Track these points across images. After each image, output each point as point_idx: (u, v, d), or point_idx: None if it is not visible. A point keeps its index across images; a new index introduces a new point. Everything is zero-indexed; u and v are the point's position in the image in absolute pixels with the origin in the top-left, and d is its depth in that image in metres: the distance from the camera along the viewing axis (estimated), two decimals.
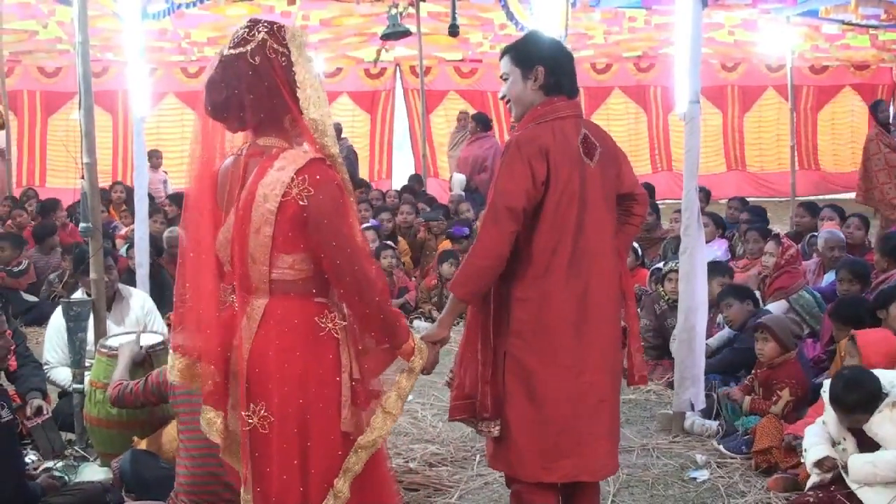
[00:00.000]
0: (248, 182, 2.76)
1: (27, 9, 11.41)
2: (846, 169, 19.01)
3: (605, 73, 17.98)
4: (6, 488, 3.79)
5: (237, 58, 2.75)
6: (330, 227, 2.71)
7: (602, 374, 3.34)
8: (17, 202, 11.54)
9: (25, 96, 16.10)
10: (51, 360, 5.52)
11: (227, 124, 2.84)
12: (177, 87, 16.66)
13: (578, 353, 3.29)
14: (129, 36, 6.95)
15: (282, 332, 2.78)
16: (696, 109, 5.29)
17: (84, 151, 5.33)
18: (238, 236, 2.77)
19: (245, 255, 2.78)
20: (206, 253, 2.83)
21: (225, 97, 2.76)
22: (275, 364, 2.77)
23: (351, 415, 2.81)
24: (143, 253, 7.03)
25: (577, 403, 3.28)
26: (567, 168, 3.24)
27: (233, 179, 2.82)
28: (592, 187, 3.30)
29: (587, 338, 3.30)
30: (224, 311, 2.86)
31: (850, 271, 6.22)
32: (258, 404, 2.78)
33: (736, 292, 6.15)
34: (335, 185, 2.74)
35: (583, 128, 3.36)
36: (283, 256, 2.76)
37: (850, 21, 12.12)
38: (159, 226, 9.41)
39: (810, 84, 18.61)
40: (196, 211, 2.88)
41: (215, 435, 2.87)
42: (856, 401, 4.10)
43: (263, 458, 2.80)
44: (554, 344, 3.28)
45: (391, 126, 17.68)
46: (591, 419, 3.31)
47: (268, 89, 2.74)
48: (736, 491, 4.53)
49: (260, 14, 11.79)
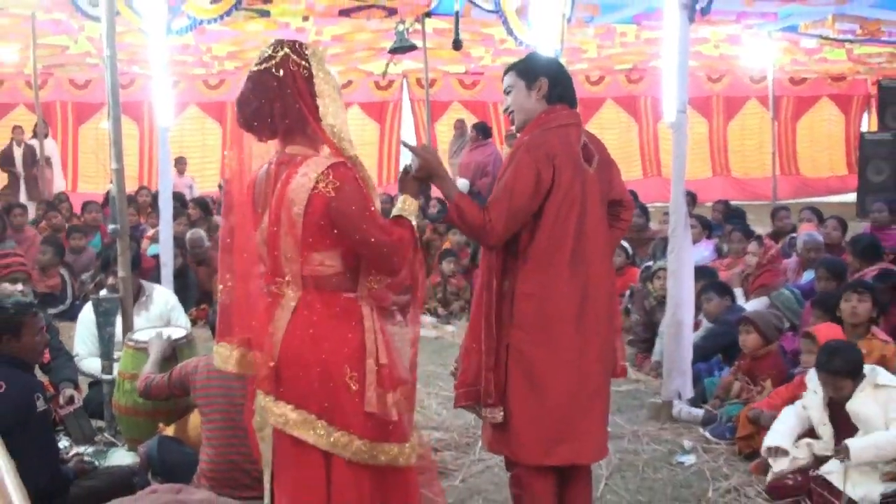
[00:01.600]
0: (278, 188, 2.86)
1: (59, 25, 11.44)
2: (824, 174, 19.02)
3: (598, 85, 17.98)
4: (42, 471, 3.80)
5: (263, 72, 2.87)
6: (357, 214, 2.80)
7: (598, 366, 3.36)
8: (52, 205, 11.55)
9: (58, 107, 16.14)
10: (81, 351, 5.54)
11: (257, 134, 2.93)
12: (198, 97, 16.70)
13: (577, 345, 3.30)
14: (154, 50, 6.97)
15: (311, 321, 2.85)
16: (684, 118, 5.29)
17: (112, 158, 5.35)
18: (271, 237, 2.88)
19: (279, 254, 2.87)
20: (250, 252, 2.91)
21: (254, 108, 2.87)
22: (303, 350, 2.83)
23: (376, 397, 2.84)
24: (167, 252, 7.05)
25: (575, 393, 3.30)
26: (570, 173, 3.27)
27: (266, 185, 2.92)
28: (591, 192, 3.34)
29: (586, 332, 3.32)
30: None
31: (828, 269, 6.23)
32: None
33: (717, 288, 6.19)
34: (356, 180, 2.83)
35: (583, 136, 3.40)
36: (314, 254, 2.84)
37: (828, 36, 12.13)
38: (183, 227, 9.43)
39: (790, 94, 18.60)
40: (240, 215, 2.95)
41: (271, 418, 2.89)
42: (840, 365, 4.16)
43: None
44: (555, 337, 3.29)
45: (399, 134, 17.70)
46: (588, 407, 3.33)
47: (291, 98, 2.84)
48: (720, 474, 4.54)
49: (275, 30, 11.82)
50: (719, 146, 18.55)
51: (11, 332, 3.98)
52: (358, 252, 2.87)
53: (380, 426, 2.86)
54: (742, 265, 7.44)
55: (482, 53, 14.71)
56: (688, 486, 4.42)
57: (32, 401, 3.82)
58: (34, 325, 4.07)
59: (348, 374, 2.83)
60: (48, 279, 8.40)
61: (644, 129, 18.13)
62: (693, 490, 4.36)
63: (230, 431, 4.00)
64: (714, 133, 18.55)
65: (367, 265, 2.91)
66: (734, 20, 11.49)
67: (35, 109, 12.91)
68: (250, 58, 14.40)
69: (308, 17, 11.25)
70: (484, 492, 4.39)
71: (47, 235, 9.56)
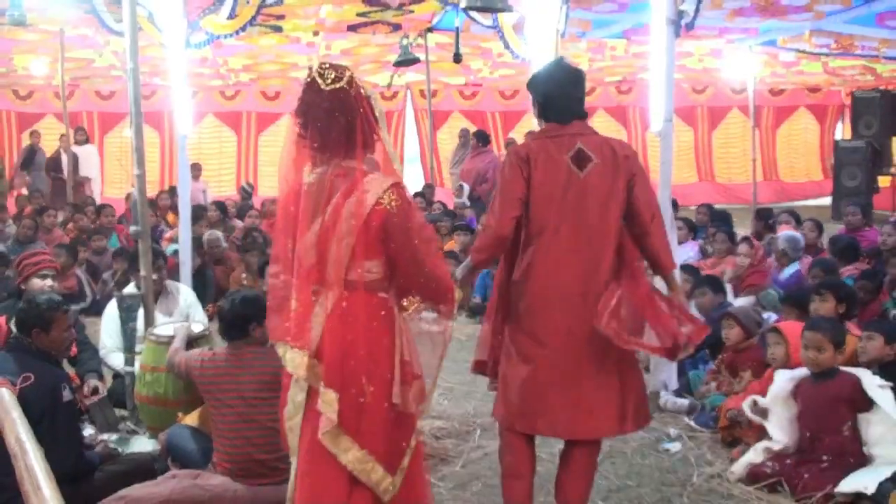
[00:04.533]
0: (335, 198, 2.87)
1: (86, 40, 11.45)
2: (801, 179, 19.02)
3: (589, 96, 17.78)
4: (69, 457, 3.81)
5: (339, 91, 2.89)
6: (415, 232, 2.89)
7: (569, 352, 3.38)
8: (78, 208, 11.56)
9: (84, 116, 16.15)
10: (107, 344, 5.54)
11: (325, 145, 2.93)
12: (215, 108, 16.72)
13: (547, 332, 3.39)
14: (173, 63, 6.97)
15: (347, 320, 2.88)
16: (670, 127, 5.29)
17: (135, 164, 5.36)
18: (322, 241, 2.89)
19: (326, 258, 2.89)
20: (298, 254, 2.94)
21: (333, 121, 2.89)
22: (340, 346, 2.87)
23: (400, 391, 2.89)
24: (186, 253, 7.04)
25: (546, 373, 3.39)
26: (543, 173, 3.37)
27: (318, 193, 2.91)
28: (576, 194, 3.37)
29: (553, 323, 3.39)
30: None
31: (822, 269, 6.29)
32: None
33: (711, 283, 6.15)
34: (411, 202, 2.95)
35: (578, 144, 3.42)
36: (364, 262, 2.88)
37: (805, 49, 12.13)
38: (202, 229, 9.44)
39: (770, 105, 18.62)
40: (291, 219, 2.97)
41: (334, 413, 2.85)
42: (828, 327, 4.26)
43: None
44: (530, 322, 3.43)
45: (402, 142, 17.70)
46: (564, 386, 3.39)
47: (363, 116, 2.91)
48: (704, 461, 4.54)
49: (288, 44, 11.84)
50: (704, 153, 18.56)
51: (41, 326, 3.99)
52: (404, 271, 2.91)
53: (390, 442, 2.91)
54: (728, 264, 7.44)
55: (481, 66, 14.72)
56: (673, 471, 4.42)
57: (59, 391, 3.83)
58: (63, 322, 4.08)
59: (377, 369, 2.88)
60: (65, 280, 8.39)
61: (633, 137, 18.12)
62: (678, 475, 4.36)
63: (243, 425, 3.97)
64: (699, 141, 18.56)
65: (406, 286, 2.96)
66: (717, 35, 11.49)
67: (63, 119, 12.92)
68: (264, 70, 14.44)
69: (318, 32, 11.27)
70: (483, 476, 4.39)
71: (67, 239, 9.57)
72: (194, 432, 4.33)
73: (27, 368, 3.77)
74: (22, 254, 6.11)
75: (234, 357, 4.07)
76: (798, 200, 17.30)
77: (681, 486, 4.22)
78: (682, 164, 17.68)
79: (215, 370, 4.05)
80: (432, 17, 10.68)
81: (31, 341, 3.98)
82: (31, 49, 12.21)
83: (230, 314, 4.10)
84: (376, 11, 10.05)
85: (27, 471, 2.03)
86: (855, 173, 14.87)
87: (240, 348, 4.08)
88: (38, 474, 1.98)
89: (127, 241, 9.45)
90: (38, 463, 2.04)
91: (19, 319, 4.04)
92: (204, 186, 14.14)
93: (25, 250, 7.19)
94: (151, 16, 7.38)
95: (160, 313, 5.52)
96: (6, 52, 12.47)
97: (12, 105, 16.05)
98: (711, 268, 7.59)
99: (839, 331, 4.30)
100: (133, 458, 4.32)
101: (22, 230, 9.26)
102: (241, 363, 4.03)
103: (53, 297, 4.22)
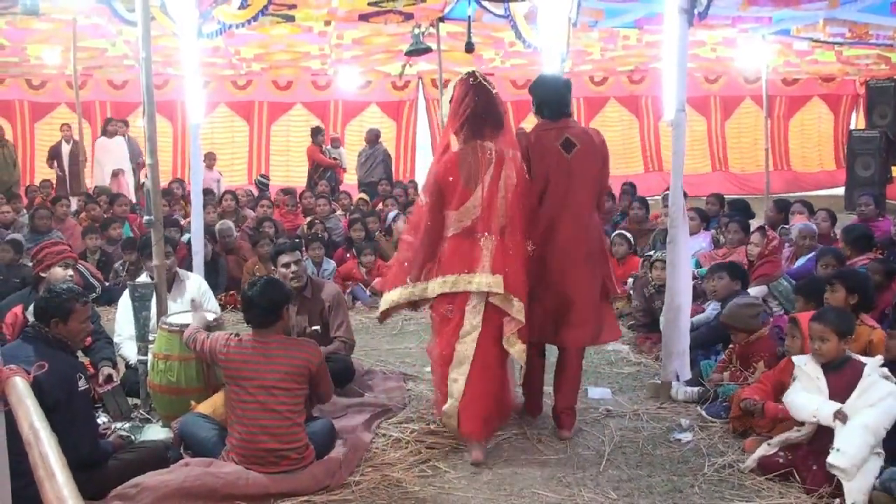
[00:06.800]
0: (492, 168, 4.32)
1: (98, 29, 11.48)
2: (814, 169, 18.92)
3: (601, 85, 17.92)
4: (83, 445, 3.82)
5: (489, 86, 4.48)
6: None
7: (573, 290, 4.55)
8: (91, 198, 11.60)
9: (97, 106, 16.21)
10: (122, 332, 5.56)
11: (483, 129, 4.39)
12: (227, 97, 16.73)
13: (549, 278, 4.54)
14: (186, 53, 6.98)
15: (506, 254, 4.30)
16: (683, 117, 5.26)
17: (147, 153, 5.37)
18: (489, 199, 4.30)
19: (494, 212, 4.30)
20: (462, 213, 4.37)
21: (492, 110, 4.44)
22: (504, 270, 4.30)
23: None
24: (198, 241, 7.06)
25: (555, 303, 4.56)
26: (538, 156, 4.54)
27: (474, 164, 4.33)
28: (560, 172, 4.51)
29: (562, 266, 4.53)
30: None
31: (833, 258, 6.23)
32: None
33: (730, 269, 6.10)
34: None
35: (565, 134, 4.55)
36: (515, 209, 4.34)
37: (819, 39, 12.03)
38: (210, 216, 9.44)
39: (783, 94, 18.51)
40: (451, 189, 4.37)
41: (522, 316, 4.33)
42: (833, 317, 4.23)
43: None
44: (535, 270, 4.53)
45: (414, 131, 17.70)
46: (564, 313, 4.57)
47: (503, 106, 4.55)
48: (716, 451, 4.52)
49: (299, 34, 11.82)
50: (717, 143, 18.48)
51: (61, 316, 4.00)
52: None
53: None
54: (740, 255, 7.38)
55: (493, 55, 14.67)
56: (685, 461, 4.41)
57: (74, 380, 3.84)
58: (82, 313, 4.08)
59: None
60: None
61: (645, 126, 18.08)
62: (690, 465, 4.35)
63: (262, 413, 4.01)
64: (713, 131, 18.48)
65: (529, 226, 4.46)
66: (730, 24, 11.41)
67: (76, 108, 12.97)
68: (276, 60, 14.44)
69: (330, 21, 11.26)
70: (493, 465, 4.39)
71: (80, 229, 9.60)
72: (207, 420, 4.34)
73: (44, 358, 3.77)
74: (43, 242, 6.15)
75: (260, 345, 4.10)
76: (810, 190, 17.21)
77: (692, 476, 4.20)
78: (695, 153, 17.62)
79: (241, 356, 4.09)
80: (444, 6, 10.65)
81: (49, 330, 3.99)
82: (43, 39, 12.24)
83: (264, 300, 4.13)
84: (388, 1, 10.03)
85: (41, 458, 2.03)
86: (869, 163, 14.80)
87: (266, 336, 4.12)
88: (52, 461, 1.99)
89: (139, 230, 9.49)
90: (52, 450, 2.04)
91: (39, 308, 4.05)
92: (218, 175, 14.18)
93: (42, 240, 7.23)
94: (164, 5, 7.39)
95: (171, 301, 5.53)
96: (19, 42, 12.50)
97: (25, 94, 16.11)
98: (723, 258, 7.55)
99: (843, 320, 4.25)
100: (146, 446, 4.34)
101: (38, 220, 9.30)
102: (267, 351, 4.07)
103: (74, 287, 4.24)
